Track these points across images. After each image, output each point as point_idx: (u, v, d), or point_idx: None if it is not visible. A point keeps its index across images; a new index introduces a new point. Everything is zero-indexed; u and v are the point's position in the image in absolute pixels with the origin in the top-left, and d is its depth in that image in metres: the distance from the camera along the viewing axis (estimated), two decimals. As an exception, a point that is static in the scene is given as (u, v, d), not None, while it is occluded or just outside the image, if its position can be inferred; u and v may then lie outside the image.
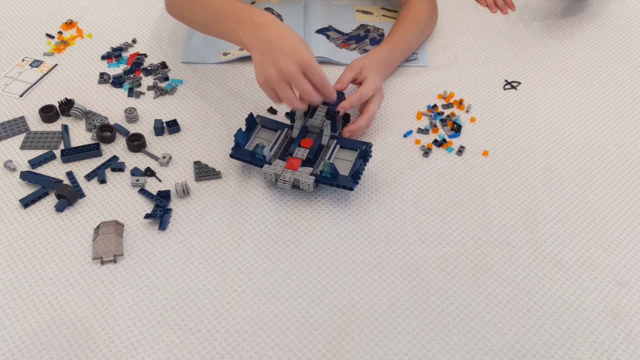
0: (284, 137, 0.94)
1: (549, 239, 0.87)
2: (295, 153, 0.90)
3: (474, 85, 1.11)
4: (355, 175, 0.88)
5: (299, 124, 0.94)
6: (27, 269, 0.81)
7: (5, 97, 1.05)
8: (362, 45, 1.18)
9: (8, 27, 1.20)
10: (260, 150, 0.89)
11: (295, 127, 0.94)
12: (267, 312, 0.78)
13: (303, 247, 0.85)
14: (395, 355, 0.74)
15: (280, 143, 0.94)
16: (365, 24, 1.24)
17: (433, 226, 0.88)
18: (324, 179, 0.88)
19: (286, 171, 0.88)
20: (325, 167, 0.87)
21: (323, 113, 0.95)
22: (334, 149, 0.93)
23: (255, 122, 0.95)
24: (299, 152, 0.90)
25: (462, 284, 0.82)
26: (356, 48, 1.18)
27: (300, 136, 0.93)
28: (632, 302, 0.80)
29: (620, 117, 1.07)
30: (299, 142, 0.92)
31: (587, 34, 1.24)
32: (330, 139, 0.94)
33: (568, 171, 0.97)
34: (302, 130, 0.94)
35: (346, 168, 0.91)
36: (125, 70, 1.10)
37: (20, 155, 0.95)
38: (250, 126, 0.94)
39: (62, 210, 0.88)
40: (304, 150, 0.90)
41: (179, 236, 0.86)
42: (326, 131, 0.93)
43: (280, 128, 0.96)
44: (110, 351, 0.73)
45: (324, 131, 0.93)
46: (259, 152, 0.89)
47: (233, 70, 1.12)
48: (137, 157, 0.96)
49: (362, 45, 1.18)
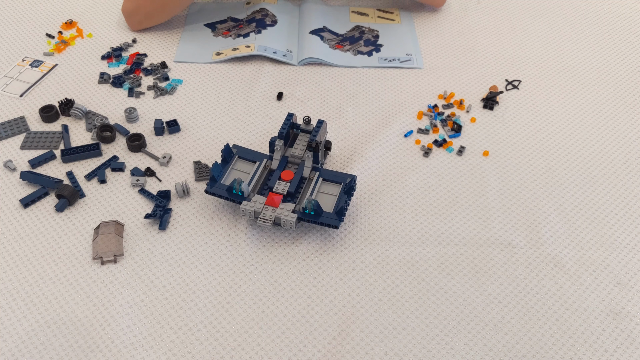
0: (262, 169, 0.89)
1: (549, 239, 0.87)
2: (275, 187, 0.85)
3: (474, 86, 1.11)
4: (340, 212, 0.83)
5: (278, 154, 0.89)
6: (27, 269, 0.81)
7: (5, 97, 1.05)
8: (356, 46, 1.18)
9: (8, 27, 1.20)
10: (237, 186, 0.83)
11: (275, 157, 0.89)
12: (267, 312, 0.78)
13: (303, 247, 0.85)
14: (395, 355, 0.74)
15: (259, 176, 0.88)
16: (360, 25, 1.24)
17: (433, 226, 0.88)
18: (307, 216, 0.83)
19: (266, 208, 0.83)
20: (308, 205, 0.82)
21: (304, 142, 0.90)
22: (317, 182, 0.88)
23: (231, 153, 0.90)
24: (280, 186, 0.85)
25: (462, 284, 0.82)
26: (350, 49, 1.18)
27: (280, 168, 0.88)
28: (632, 302, 0.80)
29: (620, 117, 1.07)
30: (279, 174, 0.87)
31: (587, 34, 1.24)
32: (312, 170, 0.89)
33: (568, 171, 0.97)
34: (282, 161, 0.89)
35: (330, 203, 0.86)
36: (125, 70, 1.10)
37: (20, 155, 0.95)
38: (226, 157, 0.89)
39: (62, 210, 0.87)
40: (284, 184, 0.85)
41: (179, 236, 0.86)
42: (307, 163, 0.89)
43: (259, 159, 0.90)
44: (110, 351, 0.73)
45: (306, 162, 0.89)
46: (236, 188, 0.84)
47: (233, 70, 1.12)
48: (137, 157, 0.96)
49: (356, 47, 1.18)
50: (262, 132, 1.01)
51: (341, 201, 0.85)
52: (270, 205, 0.83)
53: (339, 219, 0.83)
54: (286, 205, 0.83)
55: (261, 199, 0.84)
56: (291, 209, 0.83)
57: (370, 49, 1.18)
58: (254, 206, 0.83)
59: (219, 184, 0.86)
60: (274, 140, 0.90)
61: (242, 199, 0.84)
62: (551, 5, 1.32)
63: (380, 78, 1.12)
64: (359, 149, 0.99)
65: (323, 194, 0.88)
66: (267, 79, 1.11)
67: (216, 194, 0.85)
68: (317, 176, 0.89)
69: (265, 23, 1.20)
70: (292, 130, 0.93)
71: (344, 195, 0.86)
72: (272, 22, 1.21)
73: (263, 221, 0.82)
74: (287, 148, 0.91)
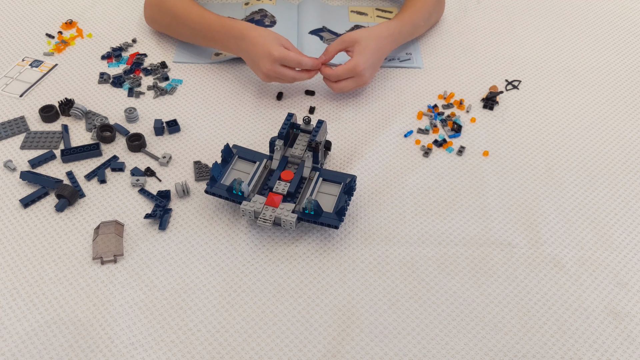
0: (262, 169, 0.89)
1: (549, 239, 0.87)
2: (275, 187, 0.85)
3: (474, 86, 1.11)
4: (340, 212, 0.83)
5: (278, 154, 0.89)
6: (27, 269, 0.81)
7: (5, 97, 1.05)
8: None
9: (8, 27, 1.20)
10: (237, 186, 0.83)
11: (275, 157, 0.89)
12: (267, 312, 0.78)
13: (303, 247, 0.85)
14: (395, 355, 0.74)
15: (259, 176, 0.88)
16: (359, 25, 1.24)
17: (433, 226, 0.88)
18: (307, 216, 0.83)
19: (266, 208, 0.83)
20: (308, 205, 0.82)
21: (304, 142, 0.90)
22: (317, 183, 0.88)
23: (231, 153, 0.90)
24: (280, 186, 0.85)
25: (462, 284, 0.82)
26: None
27: (280, 168, 0.88)
28: (632, 302, 0.80)
29: (620, 117, 1.07)
30: (279, 174, 0.87)
31: (587, 34, 1.24)
32: (312, 170, 0.89)
33: (568, 171, 0.97)
34: (282, 161, 0.89)
35: (330, 203, 0.86)
36: (125, 70, 1.10)
37: (20, 155, 0.95)
38: (226, 157, 0.89)
39: (62, 210, 0.88)
40: (284, 184, 0.85)
41: (179, 236, 0.86)
42: (307, 163, 0.88)
43: (259, 159, 0.90)
44: (110, 351, 0.73)
45: (305, 162, 0.88)
46: (236, 188, 0.83)
47: (233, 70, 1.12)
48: (137, 157, 0.96)
49: None
50: (262, 132, 1.01)
51: (341, 201, 0.85)
52: (270, 205, 0.83)
53: (339, 219, 0.83)
54: (286, 205, 0.83)
55: (261, 199, 0.84)
56: (291, 209, 0.83)
57: None
58: (253, 206, 0.83)
59: (218, 184, 0.86)
60: (274, 140, 0.90)
61: (242, 199, 0.84)
62: (551, 5, 1.32)
63: (380, 78, 1.12)
64: (359, 149, 0.99)
65: (323, 194, 0.87)
66: (267, 79, 1.11)
67: (216, 194, 0.85)
68: (317, 176, 0.89)
69: (264, 24, 1.20)
70: (292, 130, 0.93)
71: (344, 196, 0.86)
72: (271, 23, 1.20)
73: (263, 221, 0.82)
74: (287, 148, 0.91)
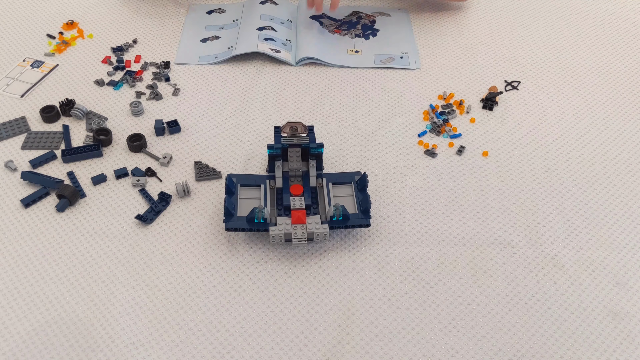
0: (270, 190, 0.88)
1: (549, 239, 0.87)
2: (292, 205, 0.84)
3: (474, 86, 1.11)
4: (365, 211, 0.84)
5: (279, 172, 0.88)
6: (27, 269, 0.81)
7: (6, 97, 1.05)
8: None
9: (9, 27, 1.20)
10: (259, 213, 0.81)
11: (277, 175, 0.88)
12: (267, 312, 0.78)
13: (303, 247, 0.85)
14: (395, 355, 0.74)
15: (270, 198, 0.87)
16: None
17: (433, 226, 0.88)
18: (337, 223, 0.83)
19: (295, 227, 0.81)
20: (336, 212, 0.82)
21: (296, 154, 0.89)
22: (328, 188, 0.88)
23: (233, 183, 0.87)
24: (295, 202, 0.84)
25: (462, 284, 0.82)
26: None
27: (285, 184, 0.88)
28: (631, 302, 0.80)
29: (620, 117, 1.07)
30: (289, 190, 0.86)
31: (586, 34, 1.25)
32: (318, 178, 0.89)
33: (567, 171, 0.97)
34: (284, 178, 0.88)
35: (349, 204, 0.86)
36: (125, 71, 1.10)
37: (21, 155, 0.95)
38: (230, 189, 0.86)
39: (63, 210, 0.88)
40: (299, 199, 0.84)
41: (180, 236, 0.86)
42: (312, 172, 0.88)
43: (260, 182, 0.89)
44: (111, 350, 0.73)
45: (310, 172, 0.88)
46: (258, 216, 0.81)
47: (233, 71, 1.12)
48: (137, 157, 0.96)
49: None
50: (262, 132, 1.01)
51: (359, 199, 0.86)
52: (298, 224, 0.82)
53: (367, 217, 0.84)
54: (313, 219, 0.83)
55: (286, 220, 0.82)
56: (319, 220, 0.82)
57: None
58: (283, 229, 0.81)
59: (235, 217, 0.84)
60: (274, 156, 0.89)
61: (265, 226, 0.82)
62: (550, 6, 1.32)
63: (380, 78, 1.12)
64: (359, 149, 0.99)
65: (339, 197, 0.88)
66: (267, 79, 1.11)
67: (239, 229, 0.82)
68: (325, 182, 0.89)
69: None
70: None
71: (360, 193, 0.87)
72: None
73: (298, 241, 0.81)
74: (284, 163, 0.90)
